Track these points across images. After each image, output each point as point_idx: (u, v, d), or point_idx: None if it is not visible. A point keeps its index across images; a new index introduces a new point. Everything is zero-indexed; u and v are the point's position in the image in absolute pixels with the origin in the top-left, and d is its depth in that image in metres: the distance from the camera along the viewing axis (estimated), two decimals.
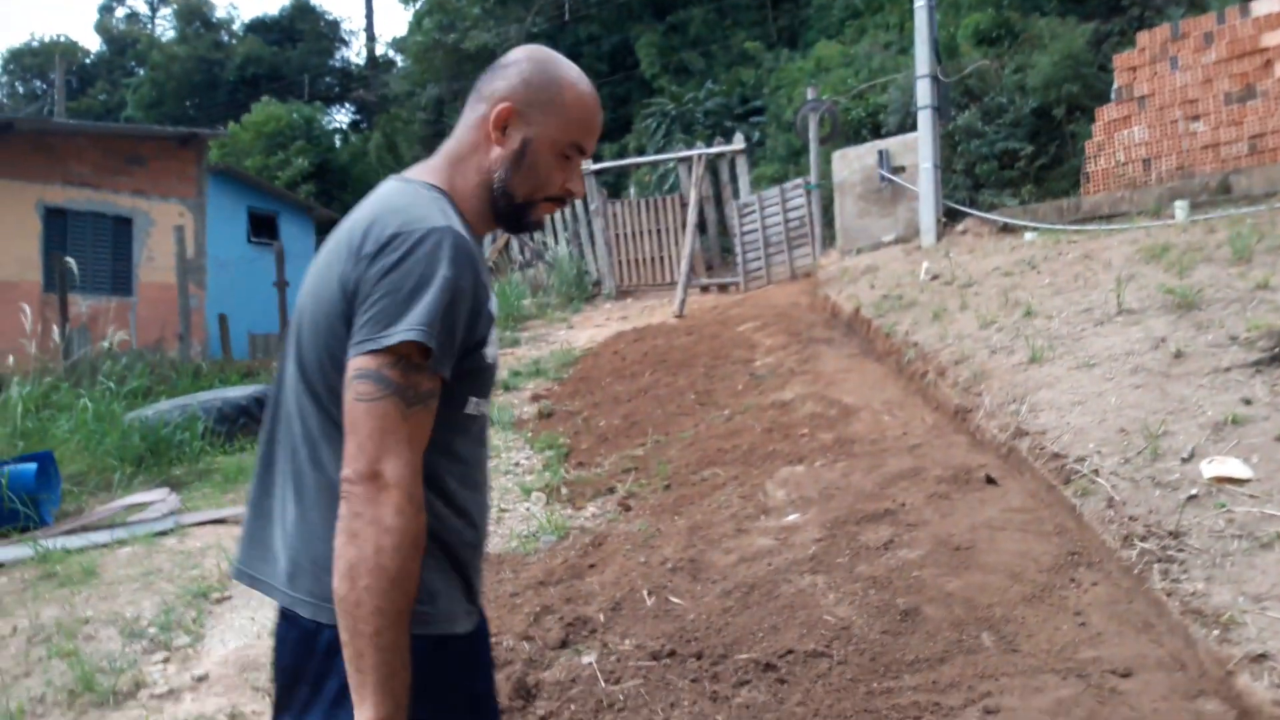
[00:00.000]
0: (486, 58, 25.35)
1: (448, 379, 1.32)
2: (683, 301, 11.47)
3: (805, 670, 3.16)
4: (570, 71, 1.47)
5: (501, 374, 9.21)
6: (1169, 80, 9.32)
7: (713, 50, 21.87)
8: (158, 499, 6.17)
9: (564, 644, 3.63)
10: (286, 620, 1.40)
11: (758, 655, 3.27)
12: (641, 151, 18.45)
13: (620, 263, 14.37)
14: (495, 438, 7.12)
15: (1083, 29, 12.66)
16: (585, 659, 3.47)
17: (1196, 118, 9.09)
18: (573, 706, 3.15)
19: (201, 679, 3.67)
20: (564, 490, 5.83)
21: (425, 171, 1.47)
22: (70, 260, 10.93)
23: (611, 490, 5.67)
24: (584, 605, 3.96)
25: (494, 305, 1.41)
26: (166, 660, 3.85)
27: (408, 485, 1.24)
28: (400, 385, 1.25)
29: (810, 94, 12.67)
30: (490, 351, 1.40)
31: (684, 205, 13.41)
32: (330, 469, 1.33)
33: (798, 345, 8.39)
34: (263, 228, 20.35)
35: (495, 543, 4.96)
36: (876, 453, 5.27)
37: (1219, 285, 5.82)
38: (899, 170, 10.85)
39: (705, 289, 13.18)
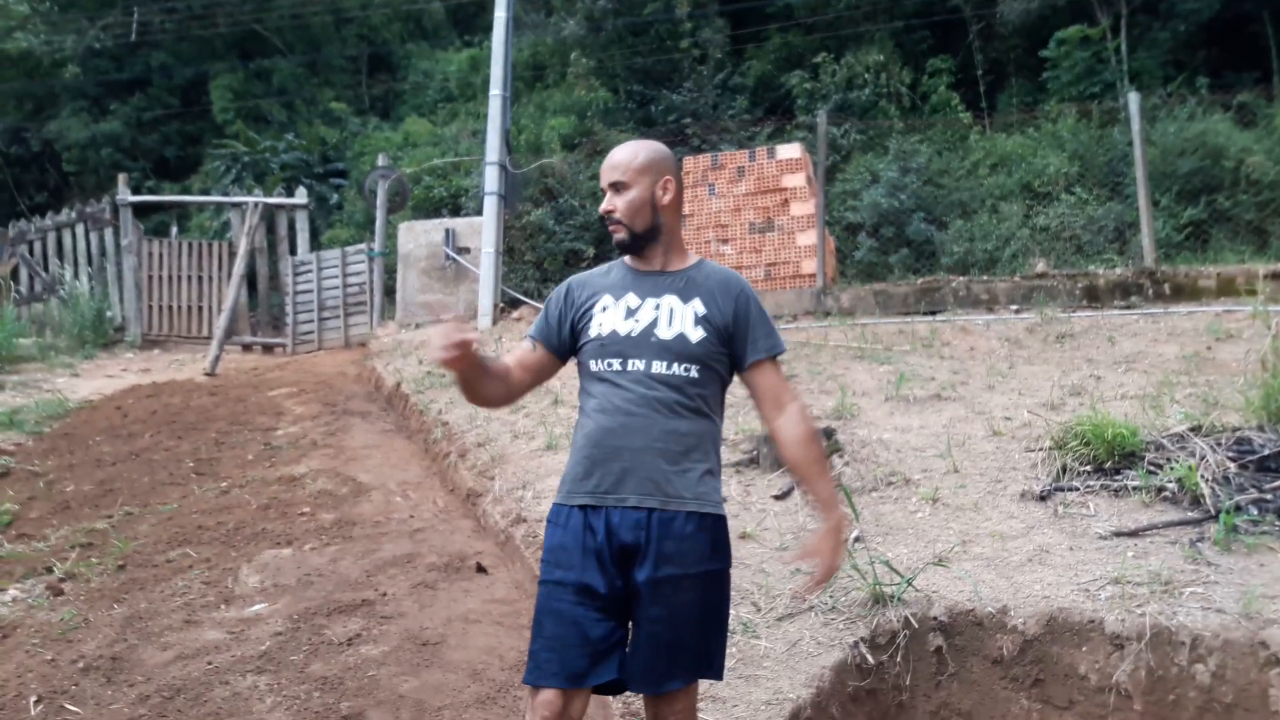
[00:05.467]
0: (31, 65, 21.98)
1: (539, 339, 2.36)
2: (216, 358, 10.31)
3: None
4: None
5: None
6: (707, 204, 10.26)
7: (297, 104, 20.85)
8: None
9: None
10: None
11: None
12: (207, 194, 16.81)
13: (152, 308, 12.69)
14: None
15: None
16: None
17: (726, 241, 10.06)
18: None
19: None
20: None
21: None
22: None
23: (49, 569, 4.65)
24: None
25: (604, 302, 2.27)
26: None
27: None
28: None
29: (381, 160, 12.29)
30: (593, 330, 2.25)
31: (233, 254, 12.21)
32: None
33: (330, 416, 7.80)
34: None
35: None
36: (376, 536, 4.84)
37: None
38: (464, 251, 10.78)
39: (248, 348, 12.07)
